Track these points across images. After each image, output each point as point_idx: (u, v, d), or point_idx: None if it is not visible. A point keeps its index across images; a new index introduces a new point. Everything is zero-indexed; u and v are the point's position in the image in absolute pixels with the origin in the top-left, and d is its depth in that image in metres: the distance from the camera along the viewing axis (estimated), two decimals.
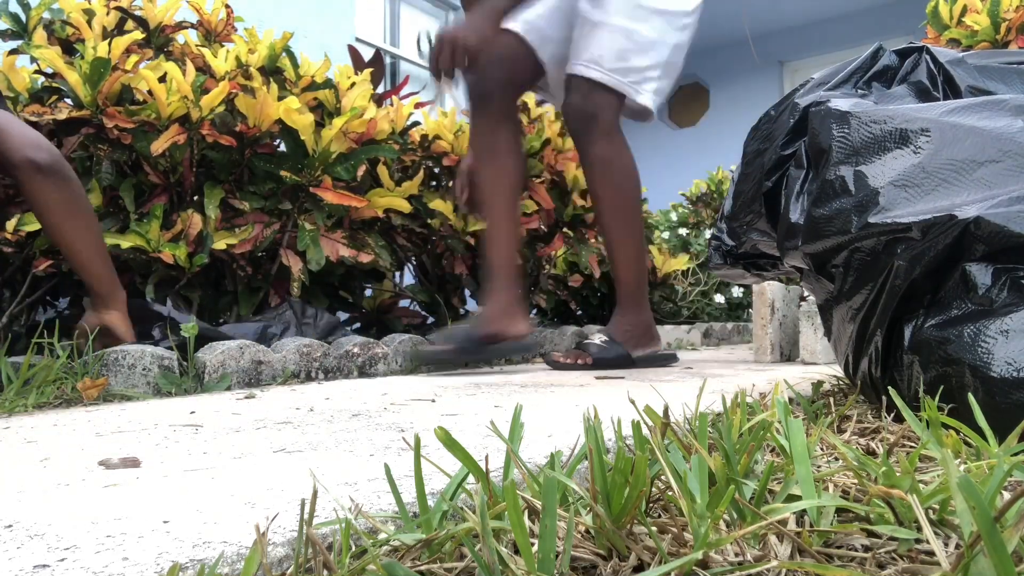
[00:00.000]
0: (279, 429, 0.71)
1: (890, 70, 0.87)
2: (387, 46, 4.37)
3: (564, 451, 0.56)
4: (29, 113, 1.34)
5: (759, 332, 1.88)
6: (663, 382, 1.22)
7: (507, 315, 1.51)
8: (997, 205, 0.62)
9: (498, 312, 1.50)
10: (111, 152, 1.42)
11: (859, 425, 0.69)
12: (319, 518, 0.38)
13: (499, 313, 1.50)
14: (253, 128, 1.50)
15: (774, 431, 0.53)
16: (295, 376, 1.32)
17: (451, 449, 0.39)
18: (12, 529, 0.37)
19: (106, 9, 1.51)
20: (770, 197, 0.90)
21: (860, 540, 0.37)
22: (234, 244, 1.46)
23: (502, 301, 1.52)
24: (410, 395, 1.05)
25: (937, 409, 0.52)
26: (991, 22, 1.90)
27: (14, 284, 1.48)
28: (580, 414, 0.78)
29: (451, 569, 0.33)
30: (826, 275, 0.79)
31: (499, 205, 1.54)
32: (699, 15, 1.62)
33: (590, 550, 0.35)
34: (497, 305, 1.51)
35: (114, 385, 1.09)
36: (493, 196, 1.55)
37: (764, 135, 0.92)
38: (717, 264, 1.04)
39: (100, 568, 0.31)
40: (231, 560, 0.33)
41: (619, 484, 0.35)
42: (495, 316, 1.49)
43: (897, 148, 0.72)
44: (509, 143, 1.57)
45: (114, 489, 0.46)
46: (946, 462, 0.32)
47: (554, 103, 1.73)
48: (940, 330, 0.65)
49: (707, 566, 0.32)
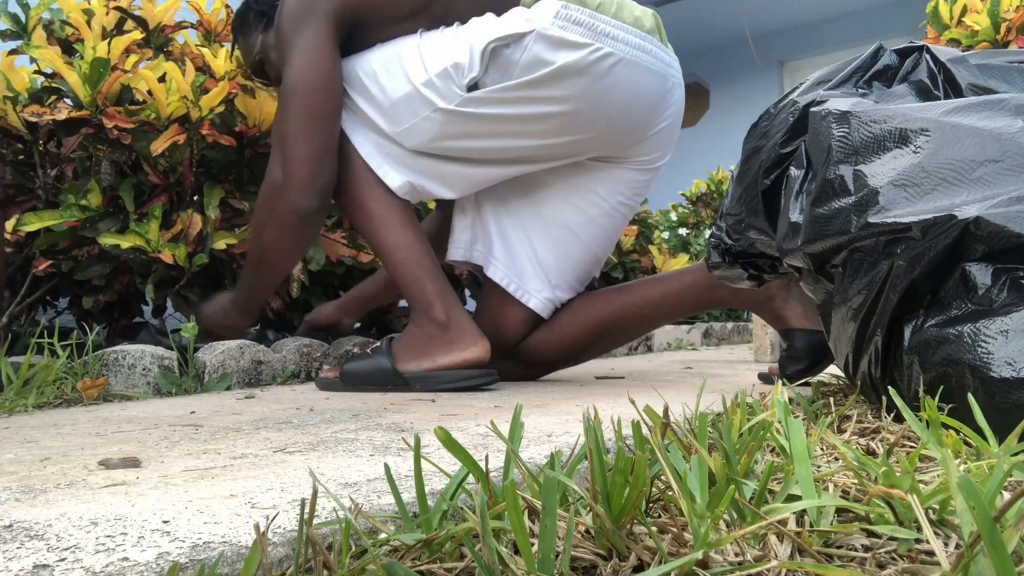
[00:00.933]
0: (279, 429, 0.71)
1: (890, 69, 0.87)
2: None
3: (564, 451, 0.56)
4: (28, 113, 1.34)
5: (759, 332, 1.88)
6: (663, 382, 1.23)
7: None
8: (997, 205, 0.62)
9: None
10: (110, 152, 1.42)
11: (859, 425, 0.69)
12: (319, 518, 0.38)
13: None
14: (253, 128, 1.50)
15: (774, 431, 0.53)
16: (295, 376, 1.32)
17: (451, 449, 0.39)
18: (12, 529, 0.37)
19: (106, 9, 1.51)
20: (768, 195, 0.89)
21: (860, 540, 0.37)
22: (234, 244, 1.46)
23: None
24: (410, 395, 1.05)
25: (937, 409, 0.52)
26: (991, 22, 1.90)
27: (14, 284, 1.48)
28: (580, 414, 0.78)
29: (451, 569, 0.33)
30: (825, 275, 0.79)
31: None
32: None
33: (590, 550, 0.35)
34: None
35: (114, 385, 1.09)
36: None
37: (763, 133, 0.92)
38: (716, 263, 1.04)
39: (100, 568, 0.31)
40: (231, 560, 0.33)
41: (619, 484, 0.35)
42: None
43: (897, 148, 0.72)
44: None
45: (114, 489, 0.46)
46: (946, 462, 0.32)
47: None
48: (940, 330, 0.65)
49: (707, 566, 0.32)
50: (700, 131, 5.77)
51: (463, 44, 1.13)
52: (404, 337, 1.17)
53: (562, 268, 1.26)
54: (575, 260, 1.27)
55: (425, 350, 1.14)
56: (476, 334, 1.15)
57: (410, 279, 1.16)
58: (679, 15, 5.08)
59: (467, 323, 1.16)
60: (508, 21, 1.12)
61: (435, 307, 1.15)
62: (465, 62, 1.12)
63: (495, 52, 1.12)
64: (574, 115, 1.14)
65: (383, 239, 1.17)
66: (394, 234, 1.17)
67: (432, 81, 1.13)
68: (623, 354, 2.24)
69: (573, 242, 1.26)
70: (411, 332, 1.17)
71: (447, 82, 1.12)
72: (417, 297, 1.16)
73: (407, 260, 1.16)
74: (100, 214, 1.39)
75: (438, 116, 1.13)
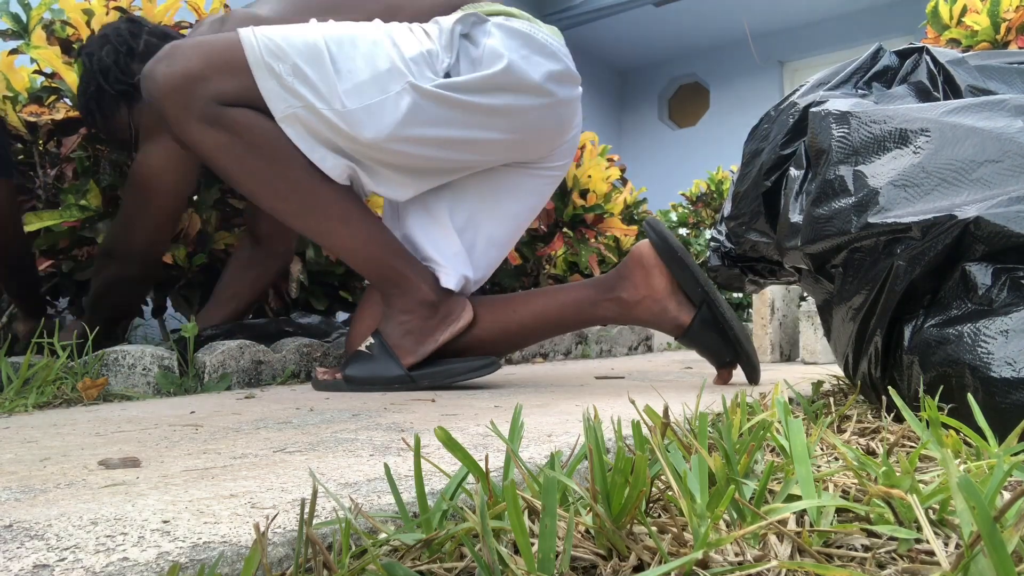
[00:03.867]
0: (279, 429, 0.71)
1: (890, 70, 0.88)
2: None
3: (564, 451, 0.56)
4: (27, 113, 1.34)
5: (759, 332, 1.88)
6: (663, 382, 1.23)
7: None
8: (997, 205, 0.62)
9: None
10: (110, 152, 1.42)
11: (859, 425, 0.69)
12: (319, 518, 0.38)
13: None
14: None
15: (774, 431, 0.53)
16: (295, 376, 1.32)
17: (451, 449, 0.39)
18: (12, 529, 0.37)
19: (105, 9, 1.51)
20: (769, 196, 0.90)
21: (860, 540, 0.37)
22: (234, 244, 1.46)
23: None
24: (410, 395, 1.05)
25: (937, 409, 0.52)
26: (991, 22, 1.90)
27: None
28: (580, 414, 0.78)
29: (451, 569, 0.33)
30: (825, 275, 0.79)
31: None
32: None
33: (590, 550, 0.35)
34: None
35: (114, 385, 1.09)
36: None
37: (763, 135, 0.92)
38: (715, 266, 1.04)
39: (100, 568, 0.31)
40: (231, 560, 0.33)
41: (619, 484, 0.35)
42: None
43: (897, 148, 0.72)
44: None
45: (114, 489, 0.46)
46: (946, 462, 0.32)
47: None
48: (940, 330, 0.65)
49: (707, 566, 0.32)
50: (700, 131, 5.77)
51: (432, 34, 1.13)
52: (398, 327, 1.14)
53: (488, 252, 1.24)
54: (502, 248, 1.27)
55: (424, 333, 1.13)
56: (461, 300, 1.16)
57: (388, 271, 1.14)
58: (679, 15, 5.08)
59: (449, 292, 1.16)
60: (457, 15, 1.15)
61: (422, 289, 1.14)
62: (437, 50, 1.11)
63: (462, 45, 1.12)
64: (540, 111, 1.16)
65: (346, 239, 1.13)
66: (359, 230, 1.12)
67: (407, 60, 1.09)
68: (623, 354, 2.24)
69: (510, 232, 1.27)
70: (403, 320, 1.14)
71: (421, 67, 1.09)
72: (399, 285, 1.14)
73: (379, 255, 1.13)
74: (100, 214, 1.39)
75: (409, 96, 1.07)
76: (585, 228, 2.27)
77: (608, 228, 2.24)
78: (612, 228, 2.25)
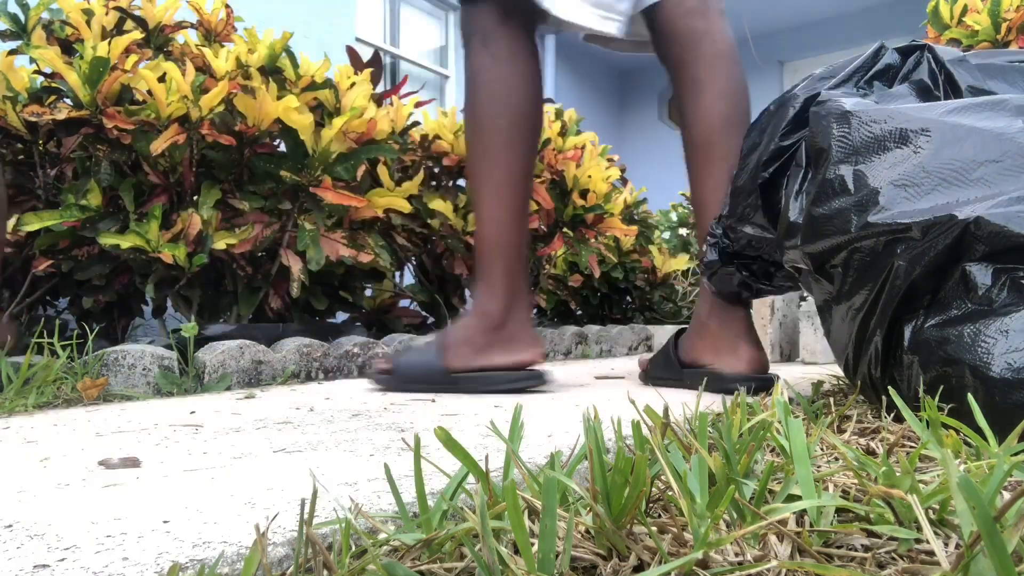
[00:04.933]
0: (279, 429, 0.71)
1: (892, 69, 0.87)
2: (387, 46, 4.37)
3: (564, 451, 0.56)
4: (28, 113, 1.34)
5: (759, 332, 1.88)
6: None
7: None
8: (997, 205, 0.62)
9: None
10: (110, 152, 1.42)
11: (859, 425, 0.69)
12: (319, 518, 0.38)
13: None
14: (252, 128, 1.50)
15: (774, 431, 0.53)
16: (295, 376, 1.32)
17: (451, 449, 0.39)
18: (12, 529, 0.37)
19: (105, 9, 1.51)
20: (767, 189, 0.89)
21: (860, 540, 0.37)
22: (234, 244, 1.46)
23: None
24: (410, 395, 1.05)
25: (937, 409, 0.52)
26: (991, 22, 1.90)
27: (14, 284, 1.48)
28: (580, 414, 0.78)
29: (451, 569, 0.33)
30: (825, 275, 0.79)
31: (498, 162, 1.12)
32: None
33: (590, 550, 0.35)
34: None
35: (114, 385, 1.09)
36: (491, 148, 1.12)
37: (763, 129, 0.92)
38: (711, 261, 1.04)
39: (100, 568, 0.31)
40: (231, 560, 0.33)
41: (619, 484, 0.35)
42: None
43: (897, 148, 0.72)
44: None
45: (114, 489, 0.46)
46: (946, 462, 0.32)
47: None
48: (940, 330, 0.65)
49: (707, 566, 0.32)
50: None
51: None
52: (459, 329, 1.10)
53: None
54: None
55: (481, 348, 1.08)
56: (534, 335, 1.11)
57: (488, 261, 1.10)
58: None
59: (525, 322, 1.11)
60: None
61: (497, 298, 1.09)
62: None
63: None
64: None
65: (486, 208, 1.10)
66: (502, 211, 1.10)
67: None
68: (623, 354, 2.24)
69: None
70: (467, 324, 1.10)
71: None
72: (484, 280, 1.10)
73: (494, 243, 1.10)
74: (100, 214, 1.39)
75: None
76: (585, 228, 2.27)
77: (608, 228, 2.24)
78: (612, 228, 2.25)
